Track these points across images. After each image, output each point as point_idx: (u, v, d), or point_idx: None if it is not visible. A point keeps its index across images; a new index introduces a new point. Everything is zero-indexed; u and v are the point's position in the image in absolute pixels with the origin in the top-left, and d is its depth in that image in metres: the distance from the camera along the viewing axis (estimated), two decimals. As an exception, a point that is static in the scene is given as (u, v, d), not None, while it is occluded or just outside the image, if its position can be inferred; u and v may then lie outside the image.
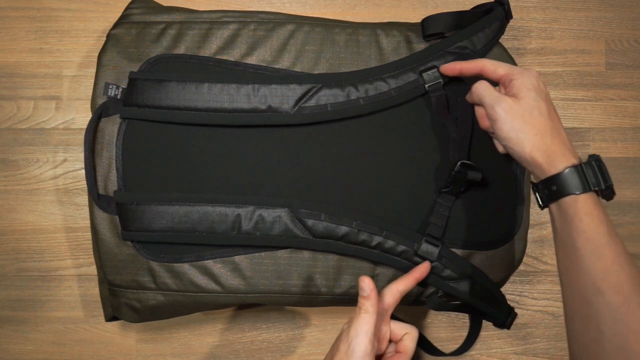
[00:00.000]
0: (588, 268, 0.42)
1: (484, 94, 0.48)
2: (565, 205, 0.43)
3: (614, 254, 0.41)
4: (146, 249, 0.54)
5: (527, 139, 0.45)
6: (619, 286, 0.40)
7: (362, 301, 0.46)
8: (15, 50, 0.68)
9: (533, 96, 0.46)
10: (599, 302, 0.41)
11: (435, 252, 0.53)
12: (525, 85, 0.46)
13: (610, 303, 0.40)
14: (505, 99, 0.46)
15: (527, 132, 0.45)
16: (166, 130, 0.54)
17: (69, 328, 0.68)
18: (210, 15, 0.57)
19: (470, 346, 0.62)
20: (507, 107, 0.46)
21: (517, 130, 0.45)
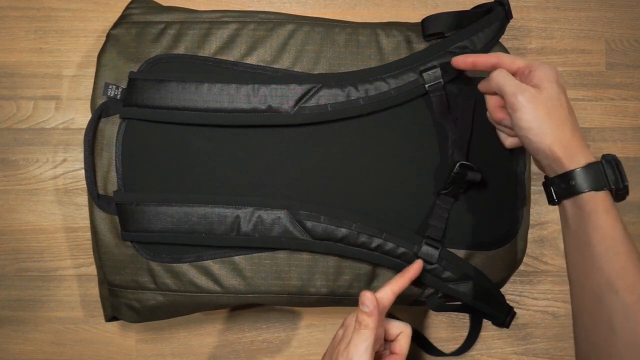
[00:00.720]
0: (602, 265, 0.42)
1: (504, 82, 0.47)
2: (582, 201, 0.43)
3: (629, 252, 0.41)
4: (146, 249, 0.54)
5: (550, 130, 0.44)
6: (634, 285, 0.40)
7: (363, 317, 0.45)
8: (15, 50, 0.68)
9: (555, 89, 0.46)
10: (612, 299, 0.41)
11: (435, 254, 0.53)
12: (548, 76, 0.46)
13: (624, 301, 0.40)
14: (528, 88, 0.46)
15: (550, 124, 0.44)
16: (166, 131, 0.54)
17: (69, 328, 0.68)
18: (210, 15, 0.57)
19: (470, 346, 0.62)
20: (530, 96, 0.45)
21: (540, 121, 0.44)
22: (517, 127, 0.46)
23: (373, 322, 0.45)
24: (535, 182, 0.69)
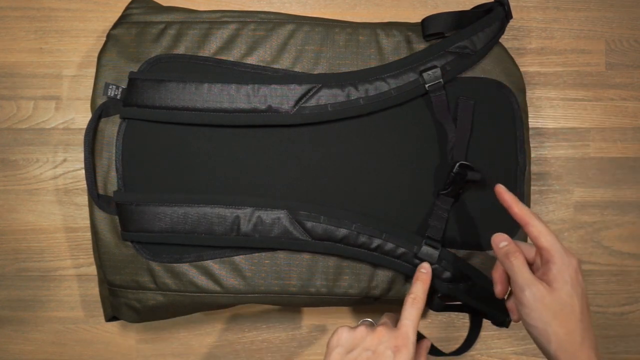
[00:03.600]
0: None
1: (516, 271, 0.45)
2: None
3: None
4: (146, 249, 0.54)
5: (555, 335, 0.43)
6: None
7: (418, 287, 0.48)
8: (15, 50, 0.68)
9: (568, 291, 0.44)
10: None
11: (435, 254, 0.53)
12: (563, 276, 0.44)
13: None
14: (538, 285, 0.44)
15: (556, 329, 0.43)
16: (166, 131, 0.54)
17: (69, 328, 0.68)
18: (210, 15, 0.57)
19: (470, 346, 0.62)
20: (539, 295, 0.44)
21: (546, 323, 0.43)
22: (523, 322, 0.46)
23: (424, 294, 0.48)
24: (535, 182, 0.69)
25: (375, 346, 0.45)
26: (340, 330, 0.47)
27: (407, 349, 0.45)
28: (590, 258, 0.70)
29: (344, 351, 0.46)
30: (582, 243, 0.70)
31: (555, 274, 0.44)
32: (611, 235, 0.70)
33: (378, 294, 0.56)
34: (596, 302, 0.70)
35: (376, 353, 0.45)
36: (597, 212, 0.70)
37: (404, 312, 0.47)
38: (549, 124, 0.70)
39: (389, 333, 0.46)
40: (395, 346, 0.45)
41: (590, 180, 0.70)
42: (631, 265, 0.70)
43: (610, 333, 0.70)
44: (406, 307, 0.47)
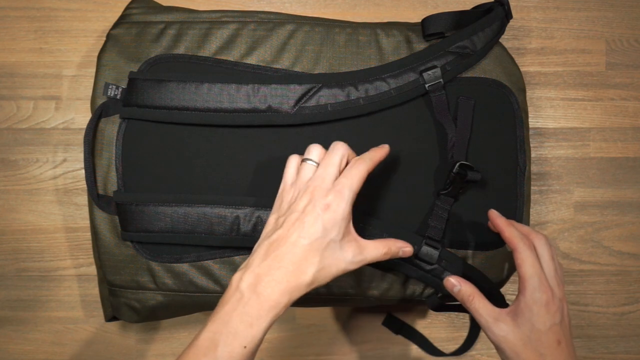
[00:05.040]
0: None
1: (476, 313, 0.47)
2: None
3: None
4: (146, 249, 0.54)
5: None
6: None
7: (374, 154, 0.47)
8: (15, 50, 0.68)
9: (531, 326, 0.44)
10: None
11: (435, 254, 0.53)
12: (530, 309, 0.45)
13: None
14: (500, 324, 0.45)
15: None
16: (166, 131, 0.54)
17: (69, 328, 0.68)
18: (210, 15, 0.57)
19: (470, 346, 0.62)
20: (503, 333, 0.45)
21: (517, 355, 0.44)
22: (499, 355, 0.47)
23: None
24: (535, 182, 0.69)
25: (304, 205, 0.43)
26: (284, 191, 0.46)
27: (338, 206, 0.43)
28: (590, 258, 0.70)
29: (279, 214, 0.45)
30: (582, 243, 0.70)
31: (522, 307, 0.45)
32: (611, 235, 0.70)
33: (378, 294, 0.56)
34: (596, 302, 0.70)
35: (304, 213, 0.43)
36: (597, 212, 0.70)
37: (344, 170, 0.45)
38: (549, 124, 0.70)
39: (323, 189, 0.43)
40: (325, 205, 0.43)
41: (590, 180, 0.70)
42: (631, 265, 0.70)
43: (610, 333, 0.70)
44: (347, 167, 0.45)
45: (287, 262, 0.42)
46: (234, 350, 0.40)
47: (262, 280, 0.41)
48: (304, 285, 0.42)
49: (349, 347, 0.69)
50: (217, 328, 0.40)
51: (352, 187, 0.44)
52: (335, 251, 0.43)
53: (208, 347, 0.40)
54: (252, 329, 0.40)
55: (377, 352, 0.69)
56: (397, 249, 0.48)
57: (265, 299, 0.41)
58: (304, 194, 0.44)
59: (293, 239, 0.42)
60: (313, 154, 0.46)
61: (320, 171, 0.45)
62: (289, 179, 0.47)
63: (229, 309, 0.41)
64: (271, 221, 0.45)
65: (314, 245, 0.42)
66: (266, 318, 0.41)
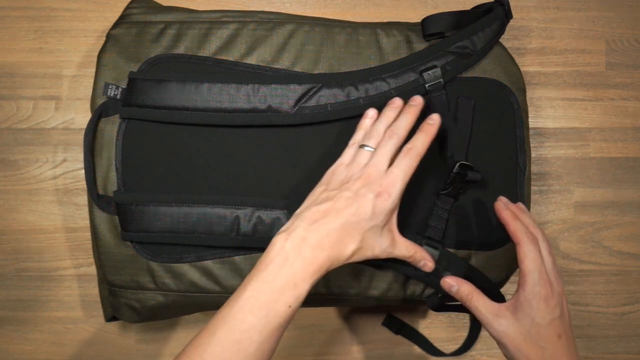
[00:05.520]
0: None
1: (477, 311, 0.48)
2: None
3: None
4: (146, 249, 0.54)
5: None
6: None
7: (424, 134, 0.48)
8: (15, 50, 0.68)
9: (530, 320, 0.45)
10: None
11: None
12: (529, 304, 0.45)
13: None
14: (500, 320, 0.46)
15: (527, 354, 0.45)
16: (166, 131, 0.54)
17: (68, 328, 0.68)
18: (210, 15, 0.57)
19: (470, 346, 0.62)
20: (502, 328, 0.46)
21: (518, 351, 0.45)
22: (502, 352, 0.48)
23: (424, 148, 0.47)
24: (535, 182, 0.69)
25: (358, 188, 0.45)
26: (338, 168, 0.48)
27: (389, 196, 0.45)
28: (591, 258, 0.70)
29: (328, 188, 0.47)
30: (582, 243, 0.70)
31: (522, 302, 0.46)
32: (611, 235, 0.70)
33: (378, 294, 0.56)
34: (596, 302, 0.70)
35: (357, 195, 0.45)
36: (597, 212, 0.70)
37: (396, 160, 0.47)
38: (549, 124, 0.70)
39: (377, 177, 0.45)
40: (378, 192, 0.45)
41: (590, 180, 0.70)
42: (631, 265, 0.70)
43: (610, 333, 0.70)
44: (399, 156, 0.47)
45: (334, 233, 0.43)
46: (280, 309, 0.41)
47: (308, 244, 0.43)
48: (343, 258, 0.44)
49: (349, 347, 0.69)
50: (261, 287, 0.41)
51: (404, 179, 0.46)
52: (376, 236, 0.45)
53: (253, 305, 0.41)
54: (297, 289, 0.42)
55: (377, 352, 0.69)
56: (422, 258, 0.50)
57: (311, 262, 0.42)
58: (358, 179, 0.46)
59: (344, 213, 0.44)
60: (371, 141, 0.48)
61: (375, 159, 0.46)
62: (345, 160, 0.48)
63: (274, 268, 0.42)
64: (317, 191, 0.47)
65: (360, 225, 0.44)
66: (310, 280, 0.42)
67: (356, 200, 0.44)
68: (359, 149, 0.48)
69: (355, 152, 0.48)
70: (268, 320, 0.41)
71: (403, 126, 0.48)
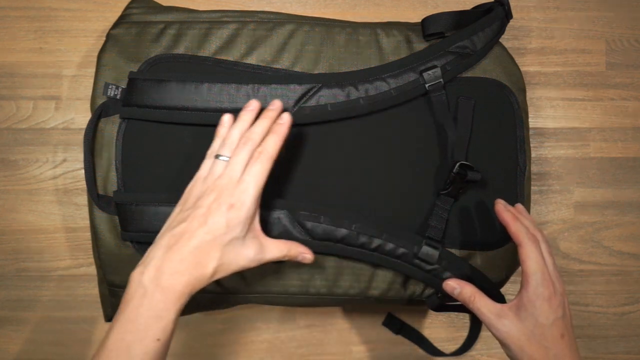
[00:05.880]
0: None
1: (479, 312, 0.48)
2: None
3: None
4: (146, 249, 0.54)
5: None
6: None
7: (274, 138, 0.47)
8: (15, 50, 0.68)
9: (534, 320, 0.45)
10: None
11: (436, 254, 0.53)
12: (532, 304, 0.45)
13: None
14: (503, 320, 0.46)
15: (530, 353, 0.45)
16: (166, 131, 0.54)
17: (69, 328, 0.68)
18: (210, 15, 0.57)
19: (470, 346, 0.62)
20: (506, 329, 0.46)
21: (521, 351, 0.45)
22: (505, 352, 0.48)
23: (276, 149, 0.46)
24: (535, 182, 0.69)
25: (210, 203, 0.44)
26: (195, 184, 0.47)
27: (242, 205, 0.44)
28: (591, 258, 0.70)
29: (184, 208, 0.46)
30: (582, 243, 0.70)
31: (525, 302, 0.46)
32: (611, 235, 0.70)
33: (378, 294, 0.56)
34: (596, 302, 0.70)
35: (209, 210, 0.44)
36: (597, 212, 0.70)
37: (247, 166, 0.46)
38: (549, 124, 0.70)
39: (229, 188, 0.45)
40: (230, 204, 0.44)
41: (590, 180, 0.70)
42: (631, 265, 0.70)
43: (611, 333, 0.70)
44: (250, 162, 0.46)
45: (190, 256, 0.43)
46: (148, 345, 0.40)
47: (164, 273, 0.42)
48: (205, 278, 0.43)
49: (348, 347, 0.69)
50: (125, 327, 0.41)
51: (257, 185, 0.45)
52: (237, 248, 0.45)
53: (119, 349, 0.40)
54: (162, 321, 0.41)
55: (377, 352, 0.69)
56: (298, 253, 0.49)
57: (170, 291, 0.41)
58: (212, 192, 0.45)
59: (197, 233, 0.43)
60: (226, 150, 0.47)
61: (227, 170, 0.46)
62: (202, 173, 0.48)
63: (134, 306, 0.41)
64: (174, 213, 0.46)
65: (216, 241, 0.43)
66: (173, 309, 0.41)
67: (209, 216, 0.43)
68: (215, 159, 0.47)
69: (212, 163, 0.47)
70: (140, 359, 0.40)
71: (258, 132, 0.47)
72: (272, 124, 0.48)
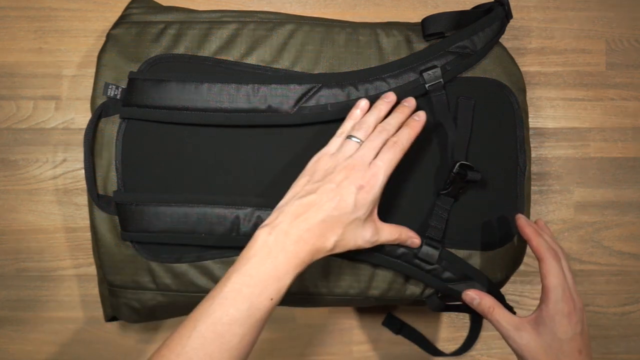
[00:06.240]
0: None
1: (498, 324, 0.48)
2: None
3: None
4: (146, 249, 0.54)
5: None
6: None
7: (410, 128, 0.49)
8: (15, 50, 0.68)
9: (553, 335, 0.46)
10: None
11: (436, 254, 0.53)
12: (552, 320, 0.46)
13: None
14: (521, 332, 0.47)
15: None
16: (166, 131, 0.54)
17: (69, 328, 0.68)
18: (210, 15, 0.57)
19: (470, 346, 0.62)
20: (524, 341, 0.47)
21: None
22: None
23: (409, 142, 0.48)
24: (535, 182, 0.69)
25: (340, 180, 0.45)
26: (323, 157, 0.48)
27: (372, 188, 0.45)
28: (591, 258, 0.70)
29: (312, 179, 0.47)
30: (582, 243, 0.70)
31: (544, 317, 0.46)
32: (611, 235, 0.70)
33: (378, 294, 0.56)
34: (596, 302, 0.70)
35: (339, 187, 0.45)
36: (597, 212, 0.70)
37: (380, 153, 0.47)
38: (549, 124, 0.70)
39: (361, 170, 0.46)
40: (360, 185, 0.45)
41: (590, 180, 0.70)
42: (631, 266, 0.70)
43: (611, 333, 0.70)
44: (384, 149, 0.47)
45: (316, 227, 0.44)
46: (262, 302, 0.42)
47: (290, 238, 0.43)
48: (325, 251, 0.45)
49: (349, 347, 0.69)
50: (243, 280, 0.42)
51: (387, 172, 0.46)
52: (358, 228, 0.46)
53: (236, 298, 0.41)
54: (279, 282, 0.43)
55: (377, 352, 0.69)
56: (407, 237, 0.51)
57: (293, 256, 0.43)
58: (342, 169, 0.46)
59: (326, 207, 0.44)
60: (360, 133, 0.48)
61: (361, 151, 0.47)
62: (331, 149, 0.48)
63: (256, 262, 0.42)
64: (301, 182, 0.47)
65: (342, 218, 0.45)
66: (292, 273, 0.43)
67: (338, 194, 0.45)
68: (346, 139, 0.48)
69: (342, 142, 0.48)
70: (250, 313, 0.41)
71: (394, 124, 0.49)
72: (406, 119, 0.50)
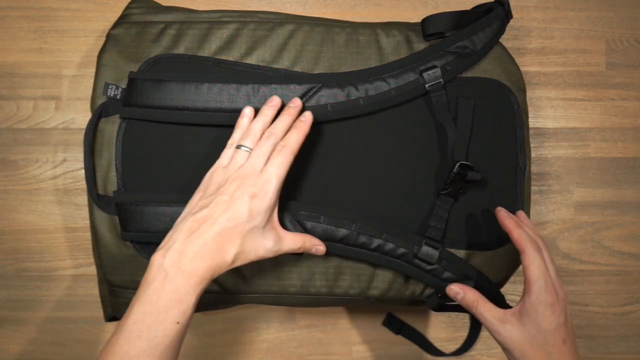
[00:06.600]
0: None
1: (482, 318, 0.48)
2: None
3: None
4: (146, 250, 0.54)
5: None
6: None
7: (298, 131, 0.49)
8: (15, 50, 0.68)
9: (536, 326, 0.46)
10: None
11: (435, 254, 0.53)
12: (535, 311, 0.46)
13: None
14: (506, 326, 0.47)
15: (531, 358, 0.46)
16: (166, 131, 0.54)
17: (69, 328, 0.68)
18: (210, 15, 0.57)
19: (470, 346, 0.62)
20: (509, 334, 0.46)
21: (523, 355, 0.46)
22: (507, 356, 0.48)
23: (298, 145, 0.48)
24: (535, 182, 0.69)
25: (233, 191, 0.45)
26: (216, 171, 0.48)
27: (265, 195, 0.45)
28: (591, 258, 0.70)
29: (205, 194, 0.46)
30: (582, 243, 0.70)
31: (527, 308, 0.46)
32: (611, 235, 0.70)
33: (378, 294, 0.56)
34: (596, 302, 0.70)
35: (232, 197, 0.45)
36: (597, 212, 0.70)
37: (270, 158, 0.47)
38: (549, 124, 0.70)
39: (252, 178, 0.46)
40: (253, 193, 0.45)
41: (590, 180, 0.70)
42: (631, 266, 0.70)
43: (611, 333, 0.70)
44: (273, 154, 0.47)
45: (211, 241, 0.43)
46: (168, 328, 0.41)
47: (186, 257, 0.43)
48: (225, 264, 0.44)
49: (349, 347, 0.69)
50: (145, 309, 0.41)
51: (279, 176, 0.46)
52: (257, 237, 0.46)
53: (140, 329, 0.40)
54: (182, 304, 0.42)
55: (377, 352, 0.69)
56: (312, 245, 0.50)
57: (191, 275, 0.42)
58: (234, 180, 0.46)
59: (220, 219, 0.44)
60: (248, 141, 0.48)
61: (251, 160, 0.47)
62: (223, 161, 0.49)
63: (155, 289, 0.42)
64: (195, 198, 0.47)
65: (238, 229, 0.44)
66: (194, 293, 0.42)
67: (232, 204, 0.44)
68: (236, 149, 0.48)
69: (233, 152, 0.48)
70: (158, 342, 0.40)
71: (281, 128, 0.49)
72: (294, 121, 0.50)
